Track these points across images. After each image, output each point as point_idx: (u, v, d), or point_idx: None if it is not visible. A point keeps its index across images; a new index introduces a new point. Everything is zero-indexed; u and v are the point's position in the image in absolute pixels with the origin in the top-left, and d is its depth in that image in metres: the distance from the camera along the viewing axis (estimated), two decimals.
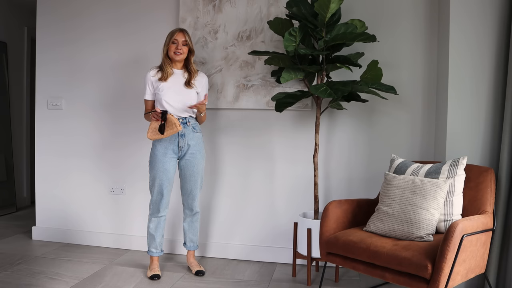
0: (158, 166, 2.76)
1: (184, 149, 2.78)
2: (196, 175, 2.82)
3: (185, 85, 2.78)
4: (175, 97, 2.74)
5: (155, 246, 2.86)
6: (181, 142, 2.76)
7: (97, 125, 3.47)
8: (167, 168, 2.76)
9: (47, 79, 3.56)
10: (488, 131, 2.51)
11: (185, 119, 2.77)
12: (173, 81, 2.77)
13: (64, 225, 3.55)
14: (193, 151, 2.79)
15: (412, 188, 2.22)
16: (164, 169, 2.76)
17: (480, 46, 2.52)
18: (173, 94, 2.74)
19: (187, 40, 2.75)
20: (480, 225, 2.04)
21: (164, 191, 2.79)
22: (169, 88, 2.74)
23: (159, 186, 2.77)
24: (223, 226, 3.27)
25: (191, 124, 2.79)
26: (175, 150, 2.77)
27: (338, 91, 2.48)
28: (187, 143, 2.77)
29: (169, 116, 2.66)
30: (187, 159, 2.80)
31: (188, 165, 2.80)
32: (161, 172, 2.76)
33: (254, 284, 2.74)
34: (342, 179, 3.08)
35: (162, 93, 2.74)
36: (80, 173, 3.51)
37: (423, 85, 2.95)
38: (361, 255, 2.13)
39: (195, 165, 2.81)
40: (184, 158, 2.80)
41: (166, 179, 2.77)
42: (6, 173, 4.54)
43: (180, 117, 2.76)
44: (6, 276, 2.72)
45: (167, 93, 2.73)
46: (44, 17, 3.54)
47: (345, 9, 2.91)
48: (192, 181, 2.83)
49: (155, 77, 2.78)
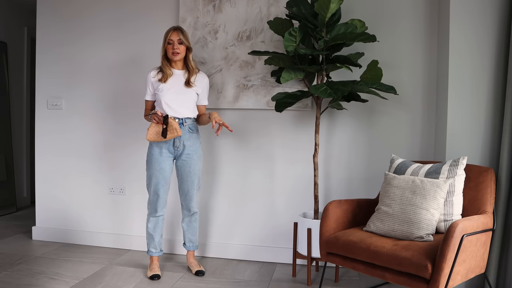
0: (154, 165, 2.77)
1: (179, 149, 2.78)
2: (192, 176, 2.82)
3: (185, 85, 2.78)
4: (174, 98, 2.75)
5: (154, 246, 2.87)
6: (176, 142, 2.77)
7: (97, 125, 3.47)
8: (163, 168, 2.77)
9: (47, 79, 3.56)
10: (488, 131, 2.51)
11: (182, 120, 2.77)
12: (173, 82, 2.77)
13: (64, 225, 3.55)
14: (189, 152, 2.79)
15: (412, 188, 2.22)
16: (160, 168, 2.76)
17: (480, 46, 2.52)
18: (173, 95, 2.75)
19: (181, 39, 2.74)
20: (480, 225, 2.04)
21: (160, 190, 2.79)
22: (168, 89, 2.75)
23: (155, 186, 2.78)
24: (223, 226, 3.27)
25: (187, 125, 2.79)
26: (170, 149, 2.77)
27: (338, 91, 2.48)
28: (182, 143, 2.78)
29: (170, 120, 2.67)
30: (183, 159, 2.80)
31: (184, 165, 2.80)
32: (157, 171, 2.76)
33: (254, 284, 2.74)
34: (342, 179, 3.08)
35: (161, 94, 2.74)
36: (80, 173, 3.51)
37: (423, 85, 2.95)
38: (361, 255, 2.13)
39: (191, 165, 2.81)
40: (181, 158, 2.80)
41: (162, 179, 2.77)
42: (6, 173, 4.54)
43: (177, 118, 2.76)
44: (6, 276, 2.72)
45: (166, 94, 2.74)
46: (44, 17, 3.54)
47: (345, 9, 2.91)
48: (189, 182, 2.83)
49: (155, 78, 2.79)
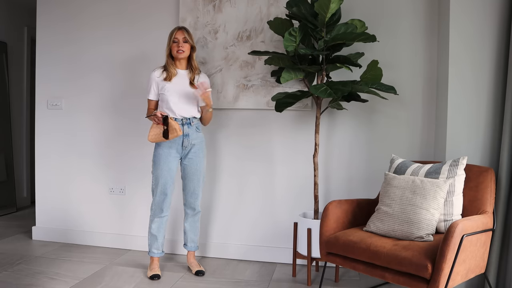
0: (163, 166, 2.76)
1: (187, 149, 2.79)
2: (198, 174, 2.84)
3: (190, 85, 2.79)
4: (179, 98, 2.75)
5: (157, 247, 2.86)
6: (185, 142, 2.77)
7: (97, 125, 3.47)
8: (171, 168, 2.78)
9: (47, 79, 3.56)
10: (488, 131, 2.51)
11: (189, 120, 2.78)
12: (177, 82, 2.78)
13: (64, 225, 3.55)
14: (195, 150, 2.81)
15: (412, 188, 2.22)
16: (169, 168, 2.77)
17: (480, 46, 2.51)
18: (178, 95, 2.75)
19: (186, 37, 2.76)
20: (480, 225, 2.04)
21: (168, 190, 2.80)
22: (173, 89, 2.75)
23: (163, 186, 2.78)
24: (223, 226, 3.27)
25: (194, 124, 2.80)
26: (178, 150, 2.78)
27: (338, 91, 2.48)
28: (191, 143, 2.79)
29: (170, 121, 2.66)
30: (190, 157, 2.81)
31: (191, 164, 2.81)
32: (166, 171, 2.77)
33: (254, 284, 2.74)
34: (342, 179, 3.08)
35: (167, 93, 2.75)
36: (80, 173, 3.51)
37: (423, 85, 2.95)
38: (361, 255, 2.13)
39: (198, 163, 2.82)
40: (187, 157, 2.81)
41: (170, 179, 2.78)
42: (6, 173, 4.54)
43: (184, 117, 2.76)
44: (6, 276, 2.72)
45: (172, 94, 2.74)
46: (44, 17, 3.54)
47: (345, 9, 2.91)
48: (195, 180, 2.84)
49: (160, 78, 2.79)
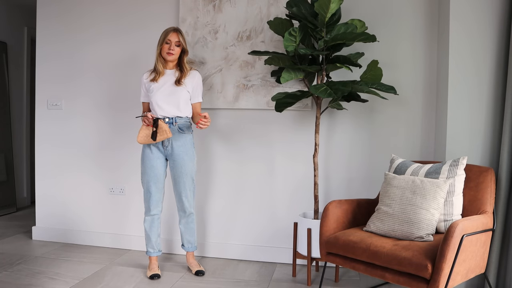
0: (146, 164, 2.79)
1: (168, 149, 2.79)
2: (184, 177, 2.81)
3: (175, 84, 2.78)
4: (164, 97, 2.76)
5: (151, 246, 2.87)
6: (165, 142, 2.78)
7: (97, 125, 3.47)
8: (154, 165, 2.78)
9: (47, 79, 3.56)
10: (488, 131, 2.51)
11: (172, 119, 2.77)
12: (163, 81, 2.79)
13: (64, 225, 3.55)
14: (179, 152, 2.79)
15: (412, 188, 2.22)
16: (151, 165, 2.78)
17: (480, 46, 2.51)
18: (162, 94, 2.76)
19: (180, 41, 2.76)
20: (480, 225, 2.04)
21: (152, 188, 2.80)
22: (158, 89, 2.76)
23: (146, 184, 2.80)
24: (223, 226, 3.27)
25: (177, 125, 2.78)
26: (160, 148, 2.80)
27: (338, 91, 2.48)
28: (171, 144, 2.78)
29: (160, 123, 2.68)
30: (174, 159, 2.80)
31: (176, 165, 2.81)
32: (148, 168, 2.78)
33: (254, 284, 2.74)
34: (342, 179, 3.08)
35: (151, 94, 2.78)
36: (80, 173, 3.51)
37: (423, 85, 2.95)
38: (361, 255, 2.13)
39: (182, 166, 2.80)
40: (172, 159, 2.81)
41: (153, 176, 2.79)
42: (6, 173, 4.54)
43: (167, 117, 2.76)
44: (6, 276, 2.72)
45: (156, 93, 2.76)
46: (44, 17, 3.54)
47: (345, 9, 2.91)
48: (181, 183, 2.82)
49: (148, 79, 2.83)
